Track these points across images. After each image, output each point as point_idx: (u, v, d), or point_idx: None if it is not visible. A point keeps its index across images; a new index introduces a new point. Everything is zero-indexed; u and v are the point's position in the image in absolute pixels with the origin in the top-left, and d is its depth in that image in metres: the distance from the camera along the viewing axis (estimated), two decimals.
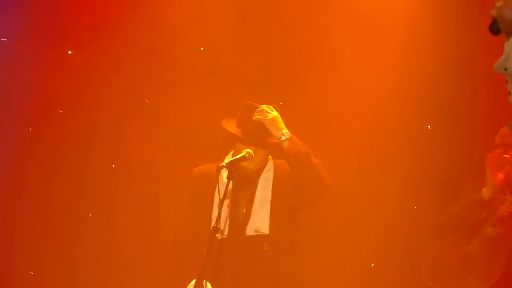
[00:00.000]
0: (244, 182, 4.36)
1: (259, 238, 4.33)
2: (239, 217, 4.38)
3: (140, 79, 5.64)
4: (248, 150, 4.18)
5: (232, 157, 4.24)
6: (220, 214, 3.96)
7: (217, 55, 5.54)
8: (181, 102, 5.54)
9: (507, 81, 2.27)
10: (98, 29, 5.58)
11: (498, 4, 2.26)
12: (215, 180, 4.20)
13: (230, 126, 4.41)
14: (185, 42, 5.58)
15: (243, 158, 4.16)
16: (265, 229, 4.34)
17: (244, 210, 4.35)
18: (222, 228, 4.06)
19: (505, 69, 2.22)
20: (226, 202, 4.21)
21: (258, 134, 4.32)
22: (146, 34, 5.61)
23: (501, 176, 4.94)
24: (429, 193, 5.44)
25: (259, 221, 4.35)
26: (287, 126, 4.30)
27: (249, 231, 4.35)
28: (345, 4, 5.46)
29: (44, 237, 5.62)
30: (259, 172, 4.44)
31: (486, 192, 4.96)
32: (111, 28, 5.58)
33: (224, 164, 4.03)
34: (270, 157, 4.52)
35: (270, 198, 4.38)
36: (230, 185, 4.16)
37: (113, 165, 5.68)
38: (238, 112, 4.42)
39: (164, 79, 5.61)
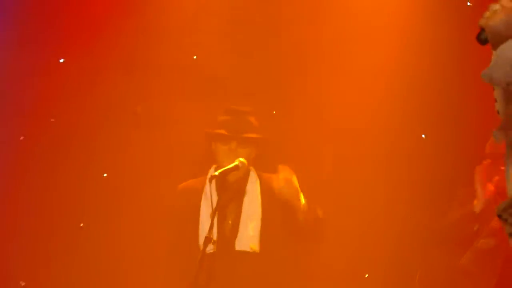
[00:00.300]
0: (228, 192, 4.29)
1: (249, 253, 4.30)
2: (226, 230, 4.34)
3: (134, 87, 5.57)
4: (241, 159, 4.13)
5: (217, 169, 4.21)
6: (213, 224, 3.93)
7: (211, 62, 5.47)
8: (175, 110, 5.45)
9: (494, 89, 2.30)
10: (91, 36, 5.53)
11: (487, 14, 2.28)
12: (201, 195, 4.26)
13: (212, 130, 4.41)
14: (179, 49, 5.53)
15: (236, 167, 4.10)
16: (255, 246, 4.31)
17: (230, 222, 4.31)
18: (214, 238, 4.04)
19: (491, 79, 2.24)
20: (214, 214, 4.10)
21: (242, 130, 4.31)
22: (139, 41, 5.58)
23: (491, 187, 4.82)
24: (420, 202, 5.37)
25: (249, 236, 4.30)
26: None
27: (238, 245, 4.31)
28: (338, 8, 5.45)
29: (36, 247, 5.57)
30: (242, 181, 4.38)
31: (477, 205, 4.84)
32: (104, 35, 5.53)
33: (217, 173, 3.99)
34: (252, 167, 4.46)
35: (260, 214, 4.33)
36: (216, 197, 4.16)
37: (105, 174, 5.61)
38: (220, 115, 4.42)
39: (157, 87, 5.54)
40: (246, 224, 4.29)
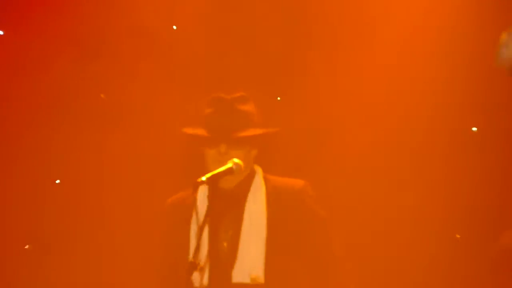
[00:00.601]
0: (223, 204, 3.84)
1: (251, 286, 3.82)
2: (220, 256, 3.90)
3: (96, 69, 5.22)
4: (236, 160, 3.63)
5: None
6: (199, 245, 3.47)
7: (196, 35, 5.14)
8: (149, 99, 5.15)
9: None
10: (40, 3, 5.22)
11: None
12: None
13: (191, 130, 4.03)
14: (154, 18, 5.18)
15: (229, 170, 3.61)
16: (259, 276, 3.80)
17: (225, 244, 3.88)
18: (202, 264, 3.65)
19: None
20: (205, 233, 3.76)
21: (231, 128, 3.87)
22: (103, 10, 5.21)
23: None
24: (466, 219, 5.01)
25: (251, 263, 3.84)
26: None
27: (237, 276, 3.82)
28: None
29: None
30: (242, 188, 3.93)
31: None
32: (57, 3, 5.22)
33: (204, 179, 3.49)
34: (258, 167, 3.98)
35: (264, 233, 3.84)
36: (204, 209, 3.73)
37: (58, 181, 5.27)
38: (203, 108, 4.03)
39: (126, 69, 5.20)
40: (247, 247, 3.84)
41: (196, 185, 3.49)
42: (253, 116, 3.92)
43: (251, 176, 3.93)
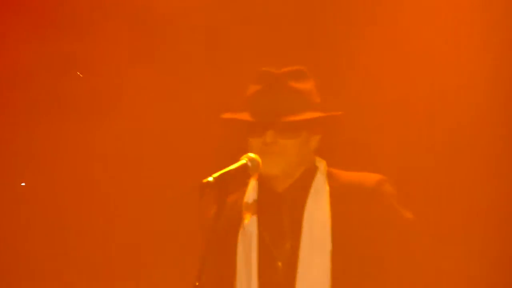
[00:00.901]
0: (274, 211, 3.44)
1: None
2: (275, 280, 3.41)
3: (67, 40, 4.75)
4: (251, 154, 3.20)
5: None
6: (205, 267, 3.00)
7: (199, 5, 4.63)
8: (144, 80, 4.69)
9: None
10: None
11: None
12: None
13: (231, 114, 3.62)
14: None
15: (243, 168, 3.19)
16: None
17: (280, 265, 3.43)
18: None
19: None
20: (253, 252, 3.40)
21: (280, 110, 3.44)
22: None
23: None
24: None
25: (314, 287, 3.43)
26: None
27: None
28: None
29: None
30: (299, 188, 3.48)
31: None
32: None
33: (211, 179, 3.00)
34: (321, 161, 3.53)
35: (330, 245, 3.36)
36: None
37: (23, 183, 4.96)
38: (248, 87, 3.56)
39: (111, 45, 4.72)
40: (308, 266, 3.40)
41: (201, 188, 2.96)
42: (310, 95, 3.41)
43: (311, 172, 3.41)
